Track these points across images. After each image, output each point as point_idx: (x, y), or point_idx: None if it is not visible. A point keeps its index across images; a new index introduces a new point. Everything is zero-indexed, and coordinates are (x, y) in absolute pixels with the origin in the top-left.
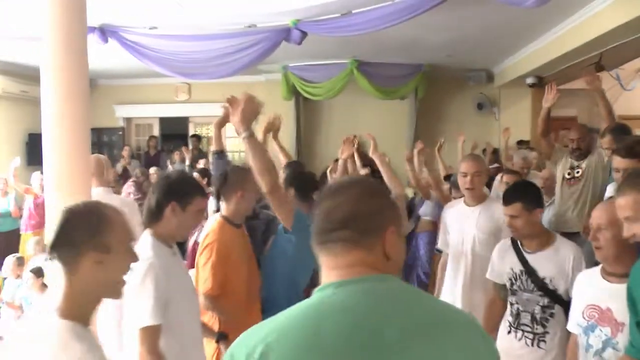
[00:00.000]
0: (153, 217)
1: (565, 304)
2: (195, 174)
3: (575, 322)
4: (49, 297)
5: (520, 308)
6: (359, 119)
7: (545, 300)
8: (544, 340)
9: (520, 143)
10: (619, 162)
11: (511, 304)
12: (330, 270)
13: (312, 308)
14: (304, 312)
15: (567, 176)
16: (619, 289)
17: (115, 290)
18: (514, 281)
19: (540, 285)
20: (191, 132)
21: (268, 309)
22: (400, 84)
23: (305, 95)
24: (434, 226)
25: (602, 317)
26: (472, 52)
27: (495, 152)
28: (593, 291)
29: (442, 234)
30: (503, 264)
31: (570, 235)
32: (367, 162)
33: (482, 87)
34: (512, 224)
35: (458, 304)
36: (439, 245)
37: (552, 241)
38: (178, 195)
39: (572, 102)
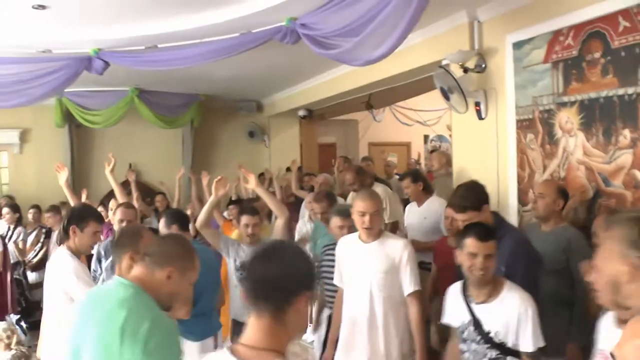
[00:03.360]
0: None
1: (517, 355)
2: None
3: None
4: None
5: (470, 357)
6: (135, 146)
7: (494, 353)
8: None
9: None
10: (456, 216)
11: (462, 352)
12: None
13: None
14: None
15: None
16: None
17: None
18: (463, 329)
19: (487, 338)
20: None
21: None
22: (179, 113)
23: (84, 123)
24: None
25: None
26: (246, 86)
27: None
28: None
29: (337, 268)
30: (454, 310)
31: None
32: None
33: (253, 116)
34: (487, 265)
35: (362, 337)
36: (334, 280)
37: (499, 291)
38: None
39: (332, 130)
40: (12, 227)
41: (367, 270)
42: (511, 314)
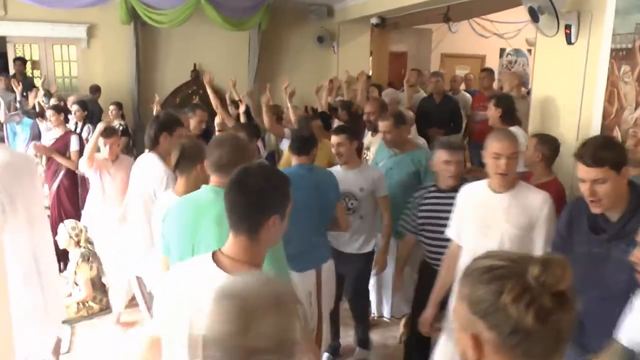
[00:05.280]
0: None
1: None
2: (75, 106)
3: None
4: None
5: None
6: (200, 47)
7: None
8: None
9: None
10: (585, 172)
11: None
12: None
13: None
14: None
15: None
16: None
17: None
18: None
19: None
20: (10, 53)
21: None
22: (246, 15)
23: (149, 22)
24: None
25: None
26: None
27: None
28: None
29: (455, 220)
30: None
31: None
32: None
33: (322, 21)
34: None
35: None
36: (449, 233)
37: None
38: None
39: (404, 39)
40: (80, 124)
41: (499, 226)
42: None
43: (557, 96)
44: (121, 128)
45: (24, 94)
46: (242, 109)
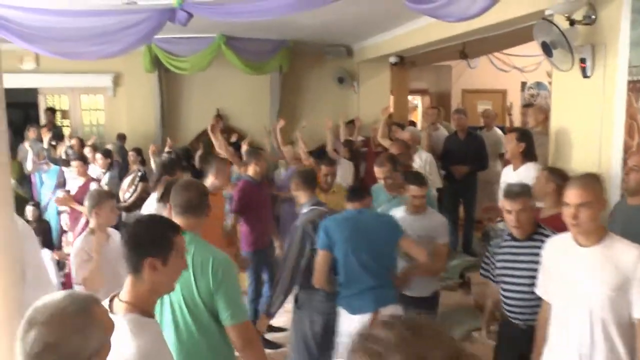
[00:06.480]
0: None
1: None
2: (99, 155)
3: None
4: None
5: None
6: (222, 92)
7: None
8: None
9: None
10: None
11: None
12: None
13: None
14: None
15: None
16: None
17: None
18: None
19: None
20: (41, 104)
21: None
22: (266, 59)
23: (171, 69)
24: None
25: None
26: (335, 31)
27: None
28: None
29: (542, 277)
30: None
31: None
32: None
33: (342, 61)
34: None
35: None
36: (538, 291)
37: None
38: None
39: (424, 76)
40: (104, 171)
41: (587, 285)
42: None
43: (577, 131)
44: (139, 174)
45: (53, 142)
46: (244, 147)
